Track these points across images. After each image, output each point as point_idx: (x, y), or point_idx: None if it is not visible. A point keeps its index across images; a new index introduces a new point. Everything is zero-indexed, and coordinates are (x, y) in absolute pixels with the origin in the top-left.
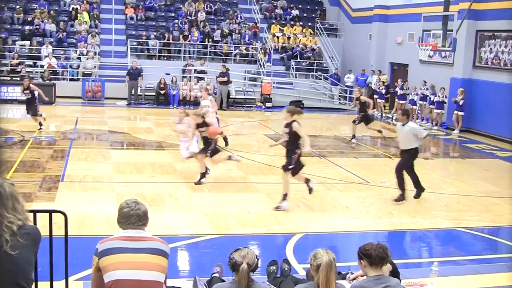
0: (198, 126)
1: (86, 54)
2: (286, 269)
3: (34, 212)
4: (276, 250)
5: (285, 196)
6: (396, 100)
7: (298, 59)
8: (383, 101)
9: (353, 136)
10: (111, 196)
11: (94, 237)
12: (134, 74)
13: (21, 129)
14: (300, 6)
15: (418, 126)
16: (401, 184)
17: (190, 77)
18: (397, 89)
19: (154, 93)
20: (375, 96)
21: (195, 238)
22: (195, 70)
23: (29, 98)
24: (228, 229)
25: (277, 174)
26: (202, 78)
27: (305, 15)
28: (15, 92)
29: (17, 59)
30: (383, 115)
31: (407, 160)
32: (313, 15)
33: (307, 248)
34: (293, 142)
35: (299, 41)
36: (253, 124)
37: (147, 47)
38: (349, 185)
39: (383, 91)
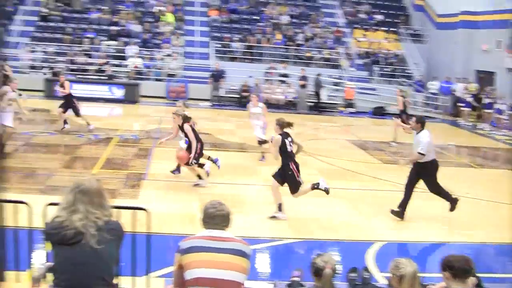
0: (180, 128)
1: (170, 55)
2: (366, 276)
3: (118, 208)
4: (355, 257)
5: (280, 206)
6: (483, 109)
7: (381, 65)
8: (469, 109)
9: (393, 140)
10: (193, 196)
11: (175, 236)
12: (217, 76)
13: (106, 126)
14: (383, 11)
15: (426, 139)
16: (445, 195)
17: (273, 80)
18: (483, 97)
19: (237, 95)
20: (460, 104)
21: (275, 241)
22: (277, 73)
23: (66, 96)
24: (309, 233)
25: (359, 180)
26: (284, 81)
27: (388, 20)
28: (102, 90)
29: (103, 58)
30: (470, 123)
31: (431, 173)
32: (397, 20)
33: (387, 257)
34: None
35: (382, 47)
36: (335, 129)
37: (230, 49)
38: (433, 195)
39: (470, 99)
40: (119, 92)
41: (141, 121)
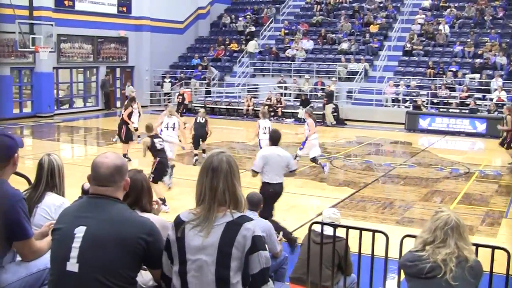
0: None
1: None
2: None
3: (476, 246)
4: None
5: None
6: None
7: None
8: None
9: None
10: None
11: None
12: None
13: (467, 161)
14: None
15: None
16: None
17: None
18: None
19: None
20: None
21: None
22: None
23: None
24: None
25: None
26: None
27: None
28: (463, 124)
29: (466, 91)
30: None
31: None
32: None
33: None
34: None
35: None
36: None
37: None
38: None
39: None
40: (481, 126)
41: (503, 157)
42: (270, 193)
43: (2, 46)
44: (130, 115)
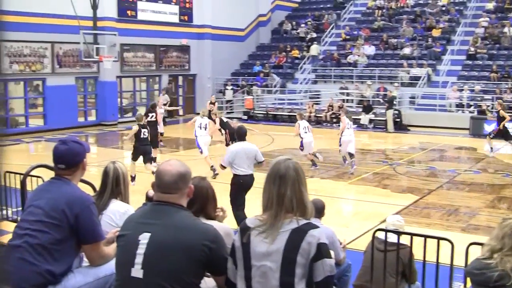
0: None
1: None
2: None
3: None
4: None
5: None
6: None
7: None
8: None
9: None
10: None
11: None
12: None
13: None
14: None
15: None
16: None
17: None
18: None
19: None
20: None
21: None
22: None
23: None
24: None
25: None
26: None
27: None
28: None
29: None
30: None
31: None
32: None
33: None
34: None
35: None
36: None
37: None
38: None
39: None
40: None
41: None
42: (241, 184)
43: (68, 56)
44: (154, 123)
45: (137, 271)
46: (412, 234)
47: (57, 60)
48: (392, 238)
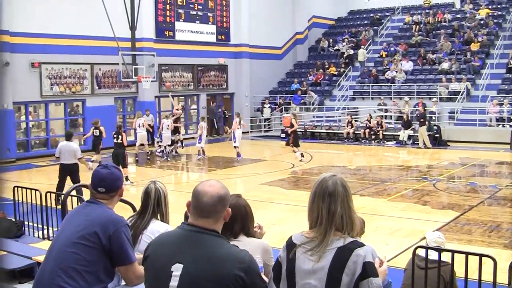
0: None
1: None
2: None
3: None
4: None
5: None
6: None
7: None
8: None
9: None
10: None
11: None
12: None
13: None
14: None
15: None
16: None
17: None
18: None
19: None
20: None
21: None
22: None
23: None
24: None
25: None
26: None
27: None
28: None
29: None
30: None
31: None
32: None
33: None
34: None
35: None
36: None
37: None
38: None
39: None
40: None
41: None
42: None
43: (107, 77)
44: (121, 145)
45: None
46: (453, 251)
47: (96, 81)
48: (433, 255)
